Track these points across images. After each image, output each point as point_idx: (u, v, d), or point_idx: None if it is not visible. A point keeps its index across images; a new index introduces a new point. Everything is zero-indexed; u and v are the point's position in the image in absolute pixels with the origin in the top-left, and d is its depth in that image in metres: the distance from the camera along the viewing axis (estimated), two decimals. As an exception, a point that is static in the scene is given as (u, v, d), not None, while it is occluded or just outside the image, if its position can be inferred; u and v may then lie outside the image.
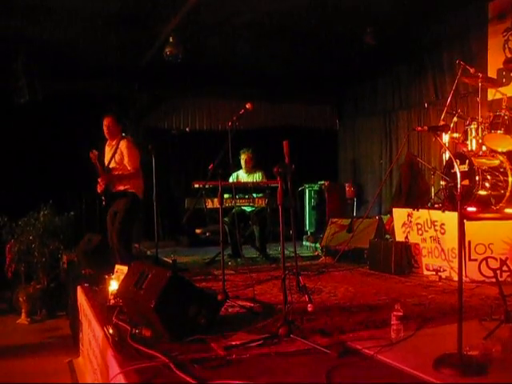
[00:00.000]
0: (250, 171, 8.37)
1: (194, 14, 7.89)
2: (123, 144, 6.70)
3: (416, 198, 7.52)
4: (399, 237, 6.78)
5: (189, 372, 2.91)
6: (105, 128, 6.79)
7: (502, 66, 7.83)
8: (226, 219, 7.51)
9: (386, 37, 8.92)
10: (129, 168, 6.67)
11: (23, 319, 7.03)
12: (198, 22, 8.45)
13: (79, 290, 5.66)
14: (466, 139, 6.76)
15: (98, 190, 6.66)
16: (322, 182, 10.80)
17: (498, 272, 5.44)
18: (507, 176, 6.26)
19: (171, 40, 8.54)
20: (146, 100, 11.86)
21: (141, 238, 9.18)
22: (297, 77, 11.64)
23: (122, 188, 6.70)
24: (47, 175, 10.35)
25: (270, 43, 9.71)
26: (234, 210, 7.70)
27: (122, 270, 4.91)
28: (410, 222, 6.61)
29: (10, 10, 7.78)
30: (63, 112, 10.43)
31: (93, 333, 4.34)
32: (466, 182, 6.26)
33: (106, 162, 6.77)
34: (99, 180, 6.65)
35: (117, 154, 6.71)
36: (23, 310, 7.07)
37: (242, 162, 8.29)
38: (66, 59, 9.72)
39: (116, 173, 6.72)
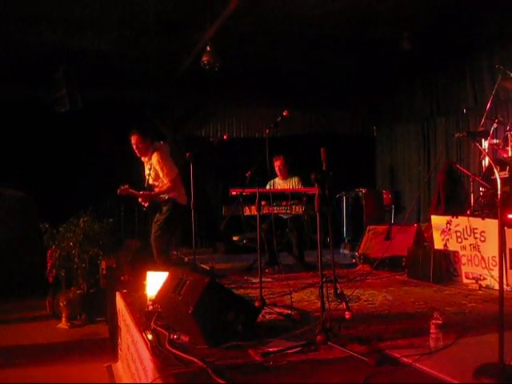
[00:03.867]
0: (285, 177, 8.35)
1: (231, 23, 7.95)
2: (154, 159, 6.78)
3: (455, 205, 7.42)
4: (438, 244, 6.69)
5: (226, 378, 2.92)
6: (133, 147, 6.88)
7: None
8: (263, 226, 7.50)
9: (423, 42, 8.84)
10: (165, 182, 6.81)
11: (63, 324, 7.13)
12: (235, 31, 8.50)
13: (118, 295, 5.73)
14: (507, 145, 6.64)
15: (145, 209, 6.96)
16: (360, 189, 10.74)
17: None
18: (549, 182, 6.14)
19: (208, 49, 8.60)
20: (184, 108, 12.00)
21: (179, 245, 9.25)
22: (333, 83, 11.62)
23: (163, 198, 6.86)
24: (87, 182, 10.54)
25: (307, 50, 9.72)
26: (271, 218, 7.70)
27: (153, 276, 4.98)
28: (449, 229, 6.52)
29: (50, 22, 7.97)
30: (102, 121, 10.63)
31: (131, 338, 4.38)
32: (507, 189, 6.15)
33: (147, 176, 6.91)
34: (140, 201, 6.91)
35: (152, 170, 6.83)
36: (63, 315, 7.17)
37: (276, 169, 8.28)
38: (105, 68, 9.91)
39: (156, 190, 6.88)
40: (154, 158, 6.78)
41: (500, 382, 2.76)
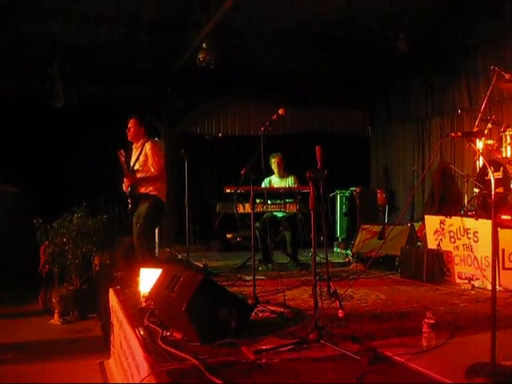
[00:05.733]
0: (282, 175, 8.35)
1: (227, 21, 7.94)
2: (148, 146, 6.75)
3: (449, 205, 7.43)
4: (431, 244, 6.71)
5: (219, 375, 2.91)
6: (127, 131, 6.87)
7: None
8: (257, 224, 7.51)
9: (419, 42, 8.86)
10: (152, 170, 6.71)
11: (56, 320, 7.12)
12: (232, 28, 8.50)
13: (111, 292, 5.72)
14: (501, 146, 6.66)
15: (124, 189, 6.76)
16: (354, 189, 10.75)
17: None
18: (543, 184, 6.15)
19: (204, 46, 8.60)
20: (179, 105, 11.96)
21: (172, 242, 9.24)
22: (329, 82, 11.64)
23: (144, 190, 6.73)
24: (81, 178, 10.52)
25: (303, 49, 9.73)
26: (265, 216, 7.70)
27: (146, 272, 4.97)
28: (443, 229, 6.54)
29: (45, 16, 7.94)
30: (97, 116, 10.59)
31: (124, 334, 4.38)
32: (501, 190, 6.17)
33: (132, 164, 6.84)
34: (124, 180, 6.75)
35: (141, 155, 6.77)
36: (56, 311, 7.16)
37: (274, 166, 8.28)
38: (101, 64, 9.89)
39: (140, 175, 6.76)
40: (148, 145, 6.75)
41: (491, 381, 2.77)
